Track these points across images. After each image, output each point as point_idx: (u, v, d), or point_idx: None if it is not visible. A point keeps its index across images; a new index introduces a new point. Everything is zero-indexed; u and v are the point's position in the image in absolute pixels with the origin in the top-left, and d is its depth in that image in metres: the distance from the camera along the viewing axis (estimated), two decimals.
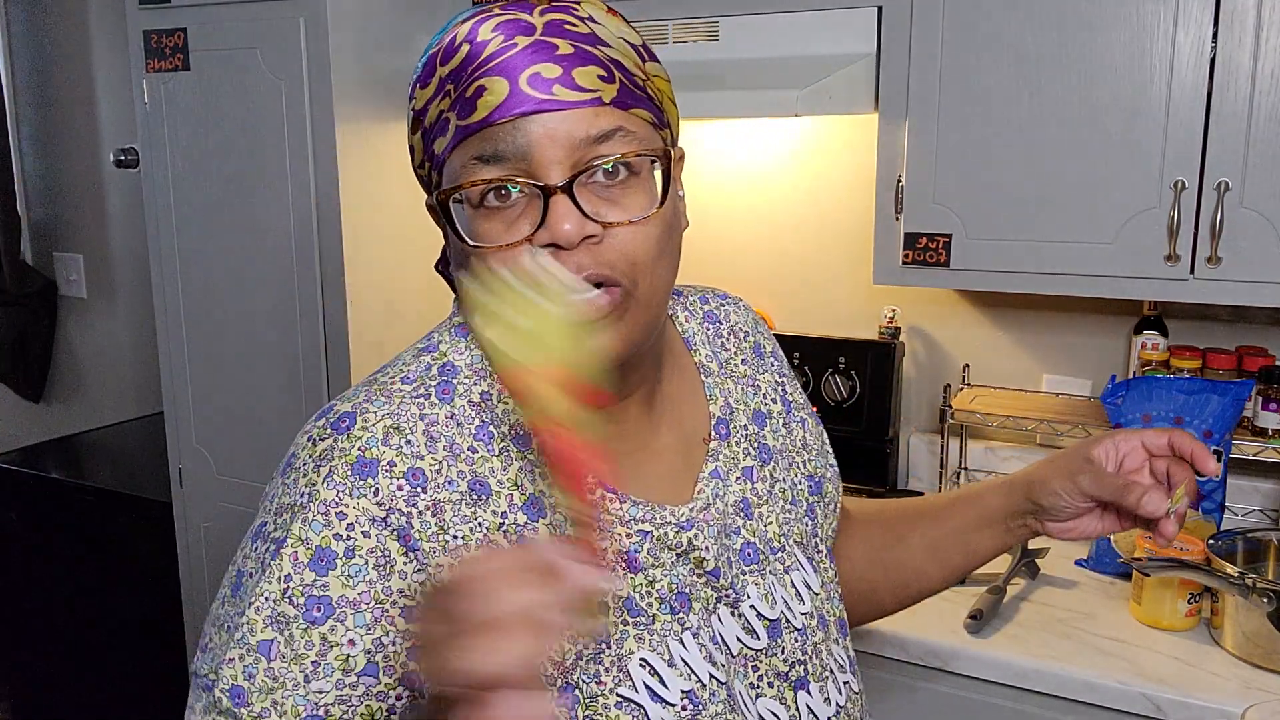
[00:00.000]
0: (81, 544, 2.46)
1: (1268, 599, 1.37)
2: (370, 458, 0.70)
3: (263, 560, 0.69)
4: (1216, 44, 1.48)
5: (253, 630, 0.67)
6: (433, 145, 0.73)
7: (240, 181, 1.95)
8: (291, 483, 0.71)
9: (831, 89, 1.69)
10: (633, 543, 0.76)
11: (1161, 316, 1.82)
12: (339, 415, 0.72)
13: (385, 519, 0.68)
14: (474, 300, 0.66)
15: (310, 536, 0.68)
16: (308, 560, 0.67)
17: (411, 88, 0.75)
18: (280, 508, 0.70)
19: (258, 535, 0.71)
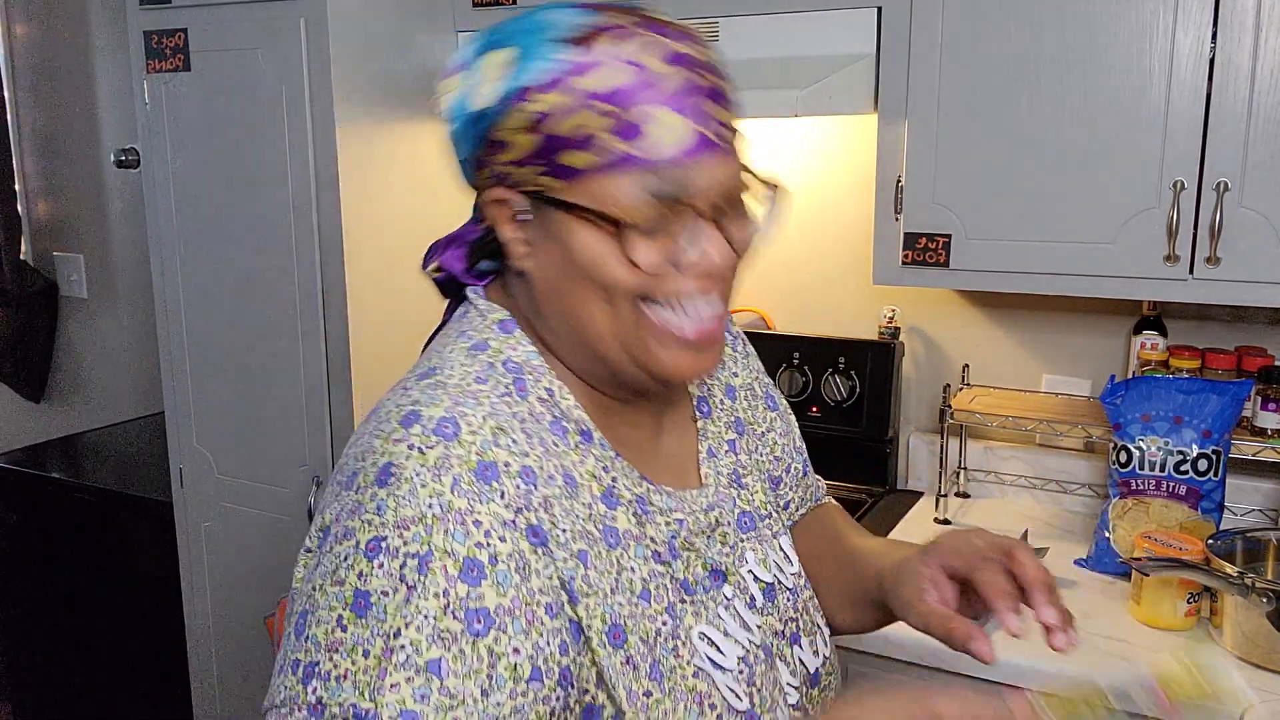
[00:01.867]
0: (81, 544, 2.46)
1: (1267, 599, 1.37)
2: (489, 460, 0.69)
3: (402, 577, 0.65)
4: (1216, 44, 1.49)
5: (418, 650, 0.64)
6: (561, 156, 0.71)
7: (241, 182, 1.95)
8: (408, 494, 0.67)
9: (831, 89, 1.69)
10: (670, 530, 0.81)
11: (1161, 316, 1.82)
12: (437, 421, 0.70)
13: (514, 521, 0.69)
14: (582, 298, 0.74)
15: (455, 548, 0.66)
16: (458, 573, 0.65)
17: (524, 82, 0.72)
18: (402, 521, 0.66)
19: (376, 551, 0.66)
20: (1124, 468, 1.66)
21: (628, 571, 0.75)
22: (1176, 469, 1.62)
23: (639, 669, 0.73)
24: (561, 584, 0.70)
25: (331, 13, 1.81)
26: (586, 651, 0.71)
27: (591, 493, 0.75)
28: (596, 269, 0.73)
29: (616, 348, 0.75)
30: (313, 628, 0.66)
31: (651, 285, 0.73)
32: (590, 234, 0.72)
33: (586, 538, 0.73)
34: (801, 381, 2.08)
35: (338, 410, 1.95)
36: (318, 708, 0.64)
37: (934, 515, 1.93)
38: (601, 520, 0.75)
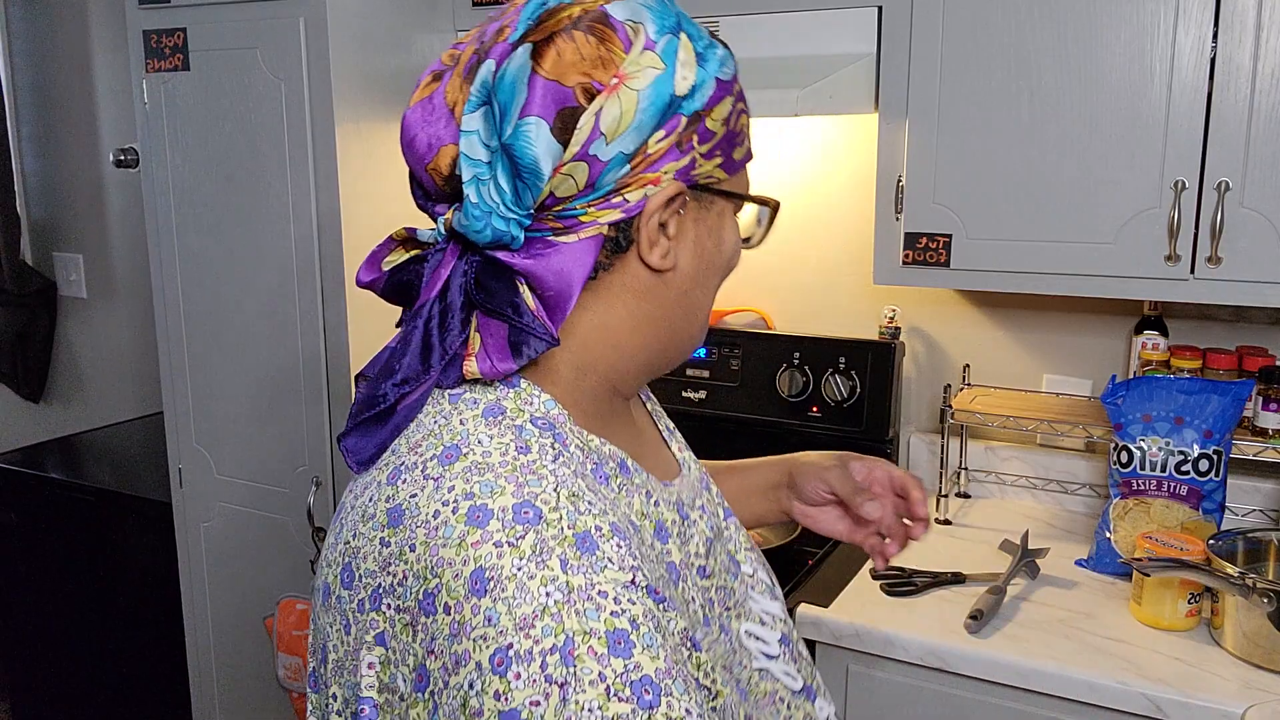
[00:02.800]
0: (81, 544, 2.46)
1: (1268, 599, 1.37)
2: (581, 530, 0.62)
3: (548, 678, 0.57)
4: (1217, 44, 1.48)
5: None
6: (734, 148, 0.73)
7: (240, 181, 1.95)
8: (516, 593, 0.59)
9: (831, 89, 1.69)
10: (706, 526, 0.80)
11: (1162, 316, 1.82)
12: (512, 510, 0.62)
13: (633, 581, 0.62)
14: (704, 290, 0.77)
15: (594, 626, 0.59)
16: (606, 649, 0.58)
17: (727, 73, 0.71)
18: (522, 620, 0.58)
19: (506, 663, 0.58)
20: (1125, 468, 1.66)
21: (692, 604, 0.72)
22: (1178, 469, 1.62)
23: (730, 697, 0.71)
24: (687, 635, 0.65)
25: (330, 12, 1.81)
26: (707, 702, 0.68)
27: (648, 532, 0.71)
28: (734, 255, 0.78)
29: (701, 331, 0.78)
30: None
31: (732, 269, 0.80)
32: (733, 222, 0.77)
33: (663, 582, 0.67)
34: (802, 381, 2.08)
35: (337, 411, 1.95)
36: None
37: (935, 515, 1.93)
38: (663, 560, 0.71)
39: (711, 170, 0.72)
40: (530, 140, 0.65)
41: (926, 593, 1.63)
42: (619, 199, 0.68)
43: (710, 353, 2.17)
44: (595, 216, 0.68)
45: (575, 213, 0.68)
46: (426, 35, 2.02)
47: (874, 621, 1.54)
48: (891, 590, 1.63)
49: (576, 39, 0.66)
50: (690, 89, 0.68)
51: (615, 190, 0.68)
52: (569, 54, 0.66)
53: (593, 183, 0.67)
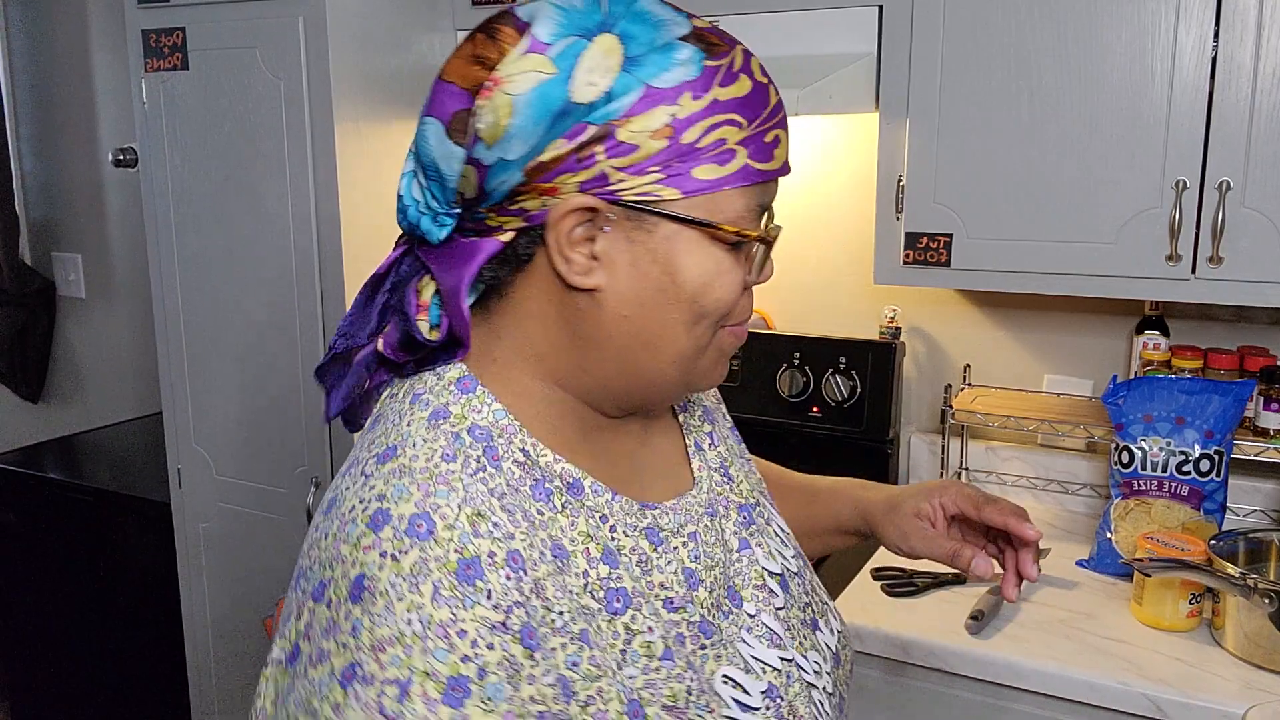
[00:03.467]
0: (81, 544, 2.46)
1: (1269, 599, 1.37)
2: (469, 556, 0.61)
3: (381, 708, 0.58)
4: (1218, 43, 1.48)
5: None
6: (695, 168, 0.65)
7: (239, 181, 1.95)
8: (384, 611, 0.60)
9: (831, 89, 1.69)
10: (688, 551, 0.75)
11: (1163, 316, 1.82)
12: (408, 520, 0.62)
13: (504, 623, 0.61)
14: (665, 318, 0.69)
15: (438, 668, 0.59)
16: (440, 696, 0.59)
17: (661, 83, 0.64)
18: (379, 643, 0.59)
19: (351, 679, 0.59)
20: (1126, 468, 1.66)
21: (642, 634, 0.69)
22: (1179, 469, 1.62)
23: None
24: (562, 684, 0.63)
25: (330, 12, 1.81)
26: None
27: (589, 556, 0.68)
28: (706, 289, 0.68)
29: (674, 368, 0.71)
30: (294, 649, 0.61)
31: (736, 306, 0.71)
32: (704, 251, 0.67)
33: (585, 614, 0.65)
34: (802, 381, 2.08)
35: None
36: None
37: None
38: (604, 585, 0.68)
39: (646, 187, 0.65)
40: (426, 139, 0.66)
41: (927, 593, 1.63)
42: (517, 207, 0.66)
43: None
44: (501, 223, 0.67)
45: (482, 217, 0.68)
46: (426, 35, 2.02)
47: (874, 621, 1.54)
48: (891, 590, 1.63)
49: (475, 40, 0.65)
50: (600, 96, 0.63)
51: (510, 197, 0.66)
52: (463, 54, 0.65)
53: (482, 187, 0.66)
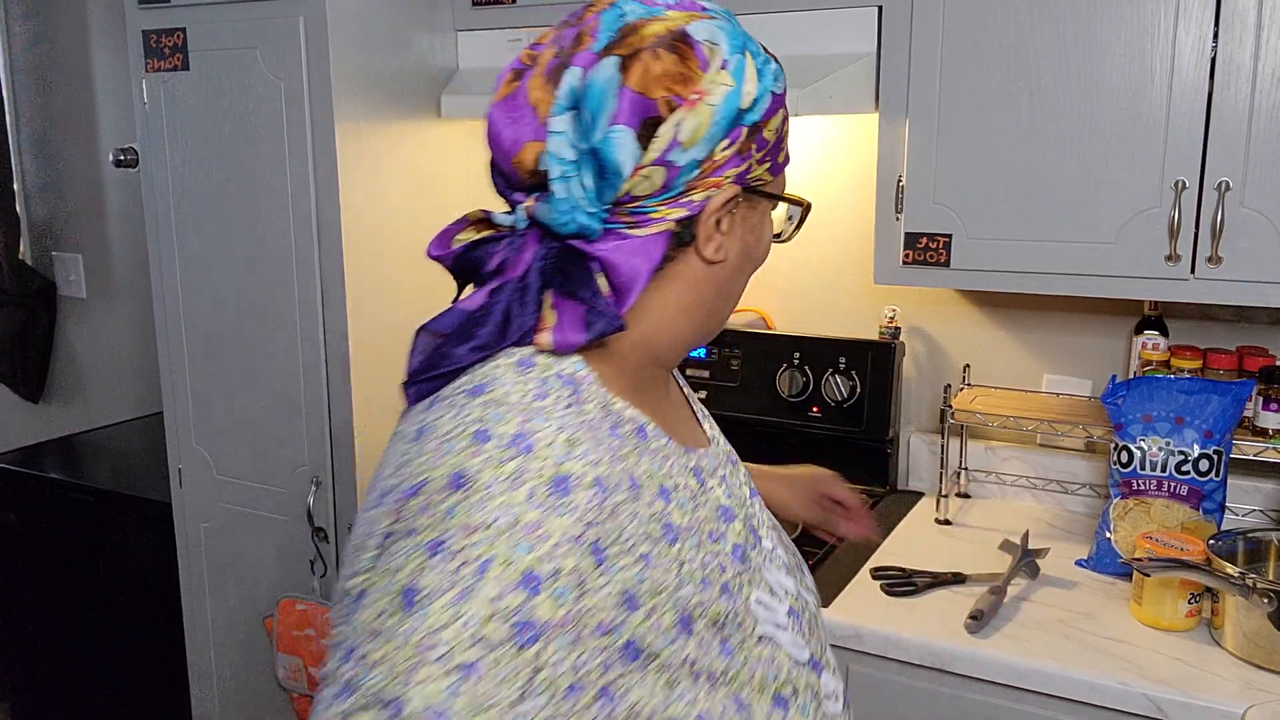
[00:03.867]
0: (81, 544, 2.46)
1: (1268, 599, 1.37)
2: (564, 473, 0.69)
3: (455, 579, 0.65)
4: (1217, 43, 1.48)
5: (455, 651, 0.64)
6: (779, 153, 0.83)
7: (240, 181, 1.95)
8: (480, 501, 0.67)
9: (831, 89, 1.69)
10: (724, 491, 0.86)
11: (1162, 316, 1.82)
12: (509, 438, 0.70)
13: (582, 536, 0.68)
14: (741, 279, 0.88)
15: (516, 559, 0.66)
16: (514, 583, 0.65)
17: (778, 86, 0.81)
18: (470, 525, 0.66)
19: (437, 549, 0.66)
20: (1125, 468, 1.66)
21: (687, 564, 0.76)
22: (1178, 469, 1.62)
23: (711, 649, 0.75)
24: (625, 597, 0.70)
25: (330, 12, 1.81)
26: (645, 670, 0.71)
27: (651, 492, 0.76)
28: (768, 248, 0.89)
29: (717, 329, 0.88)
30: (360, 613, 0.67)
31: None
32: (769, 219, 0.87)
33: (649, 540, 0.73)
34: (802, 381, 2.08)
35: (337, 411, 1.95)
36: (348, 688, 0.65)
37: (935, 515, 1.93)
38: (663, 518, 0.76)
39: (761, 174, 0.81)
40: (617, 145, 0.73)
41: (926, 593, 1.63)
42: (686, 199, 0.77)
43: (710, 353, 2.17)
44: (665, 214, 0.77)
45: (647, 210, 0.76)
46: (426, 35, 2.02)
47: (874, 621, 1.54)
48: (891, 590, 1.63)
49: (661, 56, 0.74)
50: (752, 103, 0.77)
51: (684, 192, 0.76)
52: (655, 70, 0.74)
53: (668, 184, 0.76)
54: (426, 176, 2.04)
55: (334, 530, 2.00)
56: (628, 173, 0.74)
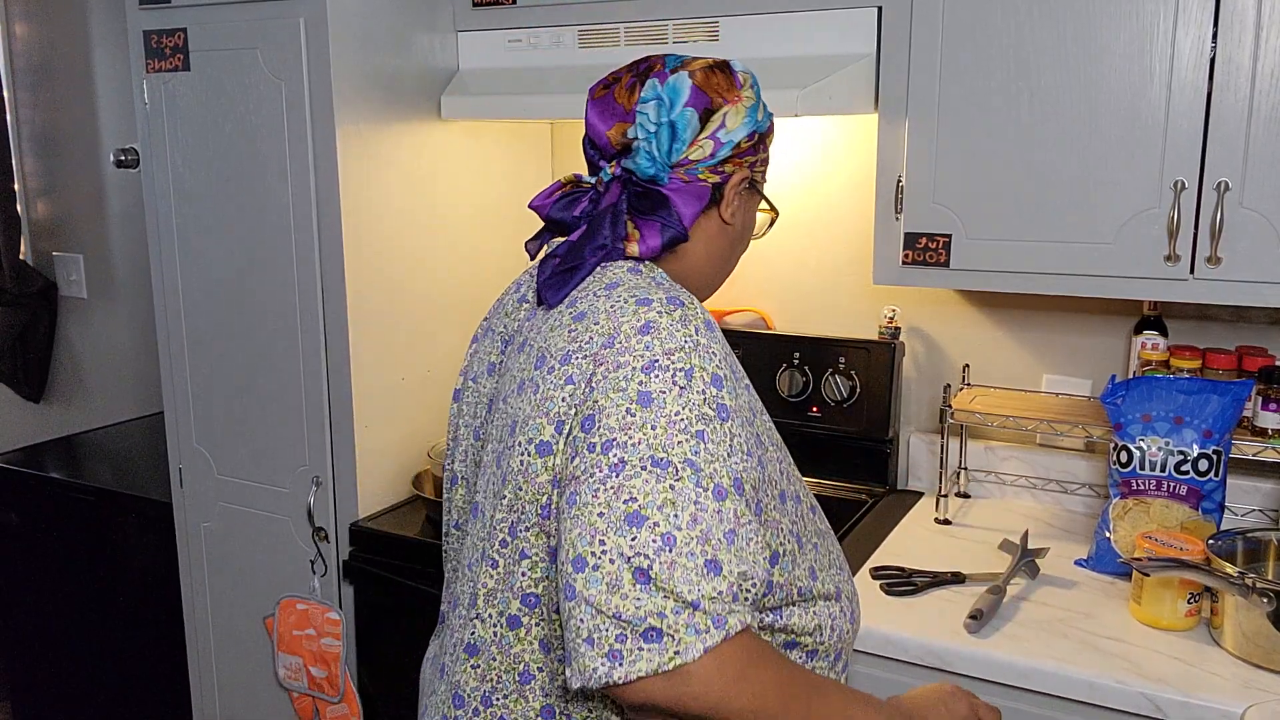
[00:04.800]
0: (81, 544, 2.46)
1: (1268, 599, 1.37)
2: (708, 318, 1.02)
3: (674, 382, 0.95)
4: (1216, 44, 1.48)
5: (690, 424, 0.93)
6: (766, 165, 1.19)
7: (240, 181, 1.95)
8: (666, 336, 0.97)
9: (831, 89, 1.69)
10: None
11: (1161, 316, 1.82)
12: (666, 299, 1.01)
13: (727, 357, 1.01)
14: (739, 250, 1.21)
15: (707, 366, 0.97)
16: (709, 381, 0.96)
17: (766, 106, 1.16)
18: (668, 350, 0.96)
19: (651, 369, 0.95)
20: (1124, 468, 1.66)
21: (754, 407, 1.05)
22: (1177, 469, 1.62)
23: (786, 459, 1.09)
24: (751, 407, 1.01)
25: (331, 12, 1.81)
26: (768, 455, 1.02)
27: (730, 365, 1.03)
28: (753, 234, 1.23)
29: (723, 278, 1.21)
30: (602, 420, 0.94)
31: None
32: (757, 213, 1.22)
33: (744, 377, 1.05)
34: (801, 381, 2.08)
35: (337, 410, 1.95)
36: (619, 465, 0.92)
37: (934, 515, 1.93)
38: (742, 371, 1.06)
39: (760, 173, 1.18)
40: (686, 120, 1.08)
41: (926, 593, 1.63)
42: (720, 169, 1.11)
43: None
44: (706, 177, 1.11)
45: (696, 172, 1.10)
46: (426, 35, 2.02)
47: (874, 621, 1.54)
48: (891, 590, 1.63)
49: (715, 73, 1.12)
50: (764, 118, 1.15)
51: (721, 164, 1.11)
52: (713, 79, 1.11)
53: (713, 154, 1.10)
54: (427, 177, 2.04)
55: (334, 530, 2.00)
56: (689, 140, 1.08)
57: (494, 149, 2.20)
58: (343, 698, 2.01)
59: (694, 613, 0.87)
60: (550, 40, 1.98)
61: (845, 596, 1.13)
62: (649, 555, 0.87)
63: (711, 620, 0.87)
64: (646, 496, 0.90)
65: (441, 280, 2.09)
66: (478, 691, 1.05)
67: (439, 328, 2.09)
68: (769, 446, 1.04)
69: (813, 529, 1.10)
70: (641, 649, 0.86)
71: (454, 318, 2.13)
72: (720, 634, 0.87)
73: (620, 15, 1.90)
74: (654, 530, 0.88)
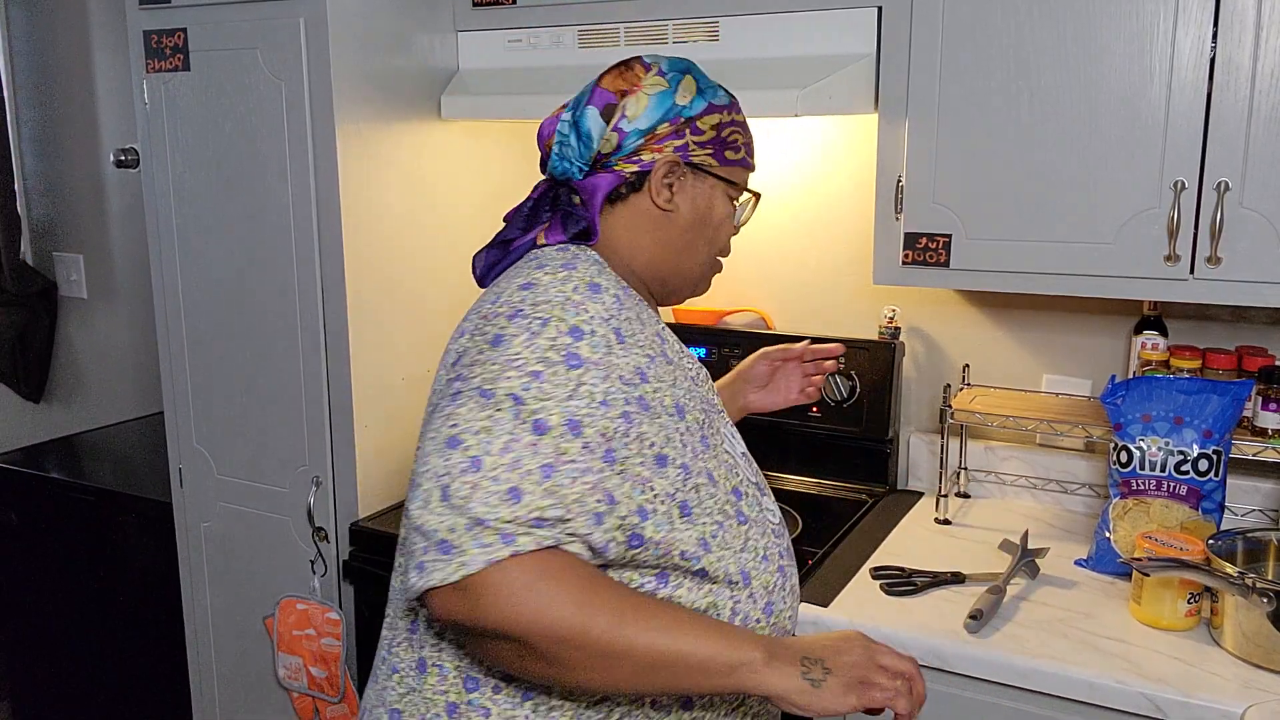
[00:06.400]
0: (81, 544, 2.46)
1: (1267, 599, 1.37)
2: (595, 283, 1.06)
3: (528, 328, 1.00)
4: (1216, 44, 1.48)
5: (527, 364, 0.98)
6: (725, 148, 1.17)
7: (240, 181, 1.95)
8: (543, 291, 1.03)
9: (831, 89, 1.69)
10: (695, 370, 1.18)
11: (1161, 316, 1.82)
12: (560, 263, 1.07)
13: (609, 320, 1.03)
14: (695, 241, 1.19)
15: (569, 318, 1.01)
16: (566, 330, 1.00)
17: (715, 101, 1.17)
18: (536, 303, 1.02)
19: (516, 315, 1.01)
20: (1124, 468, 1.66)
21: (678, 381, 1.09)
22: (1177, 469, 1.62)
23: (695, 435, 1.08)
24: (637, 370, 1.02)
25: (331, 12, 1.81)
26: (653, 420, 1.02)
27: (652, 329, 1.09)
28: (720, 225, 1.20)
29: (688, 276, 1.20)
30: (461, 361, 1.02)
31: (725, 249, 1.24)
32: (721, 198, 1.19)
33: (651, 349, 1.06)
34: None
35: (337, 410, 1.95)
36: (455, 395, 0.99)
37: (934, 515, 1.93)
38: (660, 346, 1.09)
39: (704, 158, 1.16)
40: (590, 119, 1.14)
41: (926, 593, 1.63)
42: (637, 158, 1.14)
43: (710, 353, 2.17)
44: (622, 167, 1.15)
45: (611, 164, 1.15)
46: (426, 35, 2.02)
47: (874, 621, 1.54)
48: (891, 590, 1.63)
49: (621, 69, 1.17)
50: (691, 101, 1.15)
51: (634, 152, 1.14)
52: (618, 77, 1.17)
53: (620, 145, 1.14)
54: (427, 177, 2.04)
55: (334, 530, 2.00)
56: (598, 136, 1.14)
57: (494, 149, 2.20)
58: (343, 698, 2.01)
59: (482, 529, 0.91)
60: (550, 40, 1.98)
61: (762, 587, 1.12)
62: (454, 475, 0.93)
63: (500, 537, 0.91)
64: (467, 423, 0.95)
65: (442, 280, 2.09)
66: (383, 642, 1.14)
67: (439, 328, 2.09)
68: (664, 415, 1.03)
69: (718, 508, 1.08)
70: (435, 561, 0.91)
71: (454, 318, 2.12)
72: (507, 550, 0.90)
73: (620, 15, 1.90)
74: (465, 453, 0.93)
